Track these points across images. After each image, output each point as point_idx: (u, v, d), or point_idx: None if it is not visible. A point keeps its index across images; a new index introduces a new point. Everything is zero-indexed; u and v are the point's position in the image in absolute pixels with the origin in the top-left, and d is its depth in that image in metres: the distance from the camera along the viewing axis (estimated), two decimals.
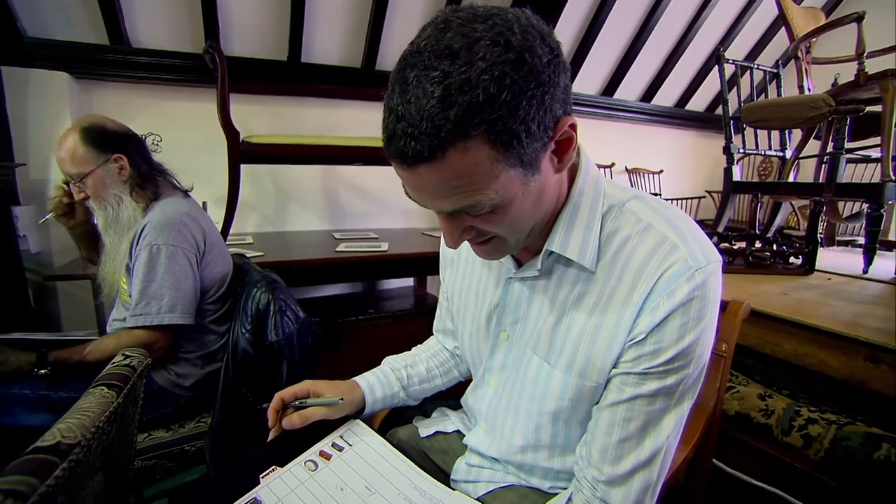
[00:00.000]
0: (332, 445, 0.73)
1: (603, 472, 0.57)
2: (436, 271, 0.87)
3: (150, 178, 1.23)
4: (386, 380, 0.84)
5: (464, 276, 0.76)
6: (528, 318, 0.65)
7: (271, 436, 0.73)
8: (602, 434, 0.58)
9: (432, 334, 0.96)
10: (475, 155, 0.43)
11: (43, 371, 1.06)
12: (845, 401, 1.31)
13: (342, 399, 0.75)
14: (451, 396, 0.92)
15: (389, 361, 0.89)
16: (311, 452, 0.71)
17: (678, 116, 4.26)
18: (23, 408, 1.08)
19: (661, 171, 4.24)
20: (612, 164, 4.01)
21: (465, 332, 0.77)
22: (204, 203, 2.33)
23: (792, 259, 2.13)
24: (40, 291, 2.13)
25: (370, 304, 2.53)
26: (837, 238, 2.82)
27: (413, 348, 0.94)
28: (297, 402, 0.74)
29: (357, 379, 0.83)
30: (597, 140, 3.92)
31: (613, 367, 0.57)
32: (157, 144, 2.33)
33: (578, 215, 0.58)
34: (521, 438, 0.68)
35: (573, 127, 0.49)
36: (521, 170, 0.47)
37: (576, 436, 0.64)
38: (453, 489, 0.67)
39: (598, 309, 0.57)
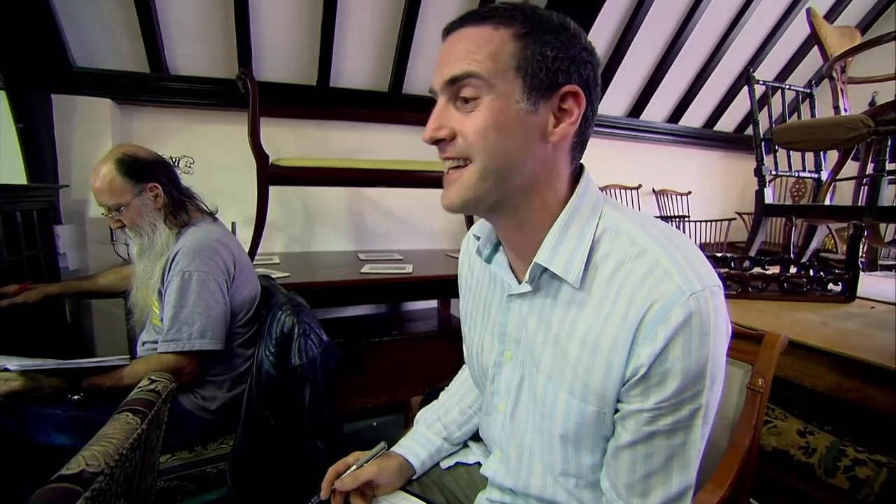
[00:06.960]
0: None
1: None
2: (459, 294, 0.86)
3: (181, 204, 1.27)
4: (424, 439, 0.84)
5: (474, 296, 0.78)
6: (529, 337, 0.65)
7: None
8: (626, 471, 0.57)
9: (454, 357, 0.96)
10: (500, 37, 0.55)
11: (76, 397, 1.08)
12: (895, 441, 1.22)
13: (385, 444, 0.80)
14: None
15: (421, 420, 0.89)
16: None
17: (707, 137, 4.18)
18: (54, 427, 1.11)
19: (690, 193, 4.15)
20: (640, 186, 3.95)
21: (472, 353, 0.78)
22: (233, 223, 2.39)
23: (831, 285, 2.02)
24: (76, 308, 2.20)
25: (394, 326, 2.53)
26: (880, 262, 2.68)
27: (440, 394, 0.94)
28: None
29: (395, 449, 0.84)
30: (624, 161, 3.87)
31: (620, 402, 0.57)
32: (190, 166, 2.42)
33: (570, 230, 0.59)
34: (539, 463, 0.67)
35: (577, 99, 0.56)
36: (520, 83, 0.55)
37: (586, 465, 0.62)
38: None
39: (593, 333, 0.57)
